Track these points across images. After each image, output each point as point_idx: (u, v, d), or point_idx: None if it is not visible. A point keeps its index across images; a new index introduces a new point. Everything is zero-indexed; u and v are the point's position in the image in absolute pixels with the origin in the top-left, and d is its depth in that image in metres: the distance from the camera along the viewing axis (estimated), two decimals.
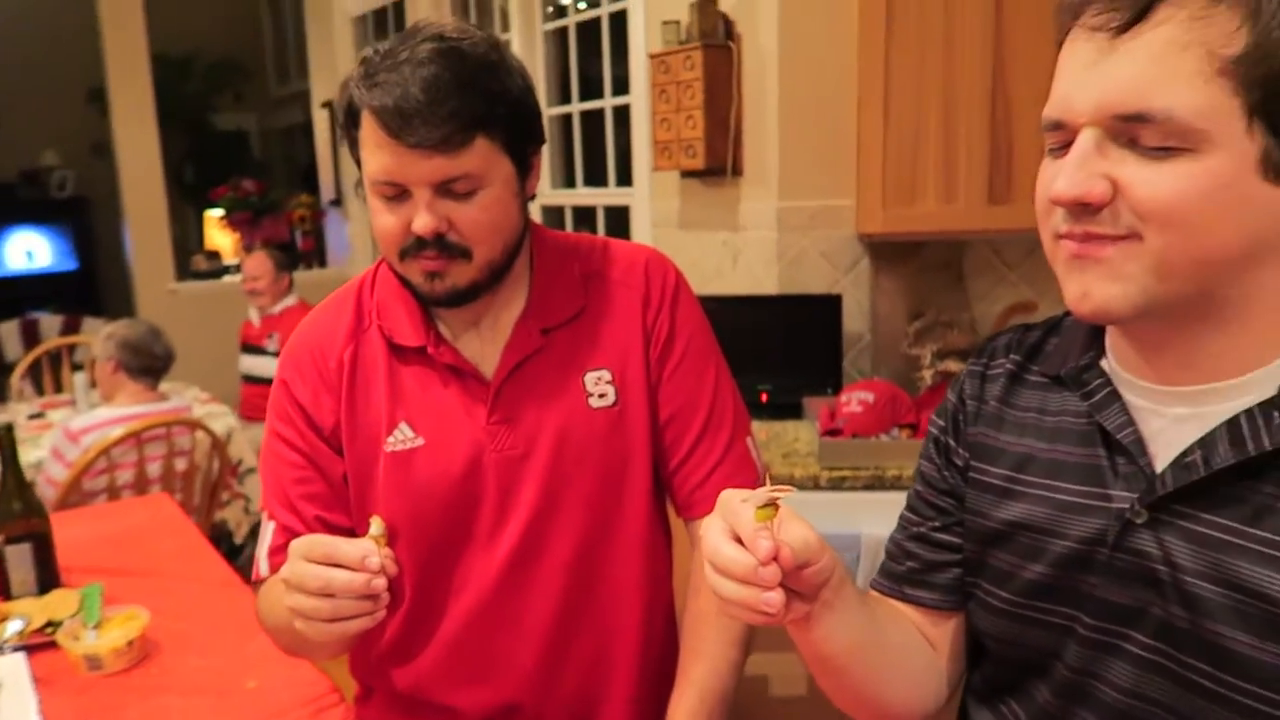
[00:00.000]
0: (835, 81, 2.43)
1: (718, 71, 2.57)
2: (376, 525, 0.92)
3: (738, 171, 2.64)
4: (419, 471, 1.09)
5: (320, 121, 5.12)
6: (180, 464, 2.81)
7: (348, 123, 1.01)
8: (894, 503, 0.98)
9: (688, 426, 1.13)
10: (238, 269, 5.20)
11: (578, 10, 3.47)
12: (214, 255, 5.21)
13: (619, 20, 3.17)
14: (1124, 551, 0.73)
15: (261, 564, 1.12)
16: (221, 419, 3.26)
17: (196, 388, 3.74)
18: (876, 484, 1.96)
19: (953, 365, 2.27)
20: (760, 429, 1.30)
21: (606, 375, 1.11)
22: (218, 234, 5.20)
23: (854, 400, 2.12)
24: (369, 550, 0.87)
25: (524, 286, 1.11)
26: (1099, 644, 0.75)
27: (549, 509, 1.09)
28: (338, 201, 5.12)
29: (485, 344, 1.10)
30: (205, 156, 8.56)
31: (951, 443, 0.89)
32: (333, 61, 5.00)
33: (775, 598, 0.67)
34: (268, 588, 1.09)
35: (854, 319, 2.52)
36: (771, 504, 0.68)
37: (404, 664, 1.16)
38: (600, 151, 3.43)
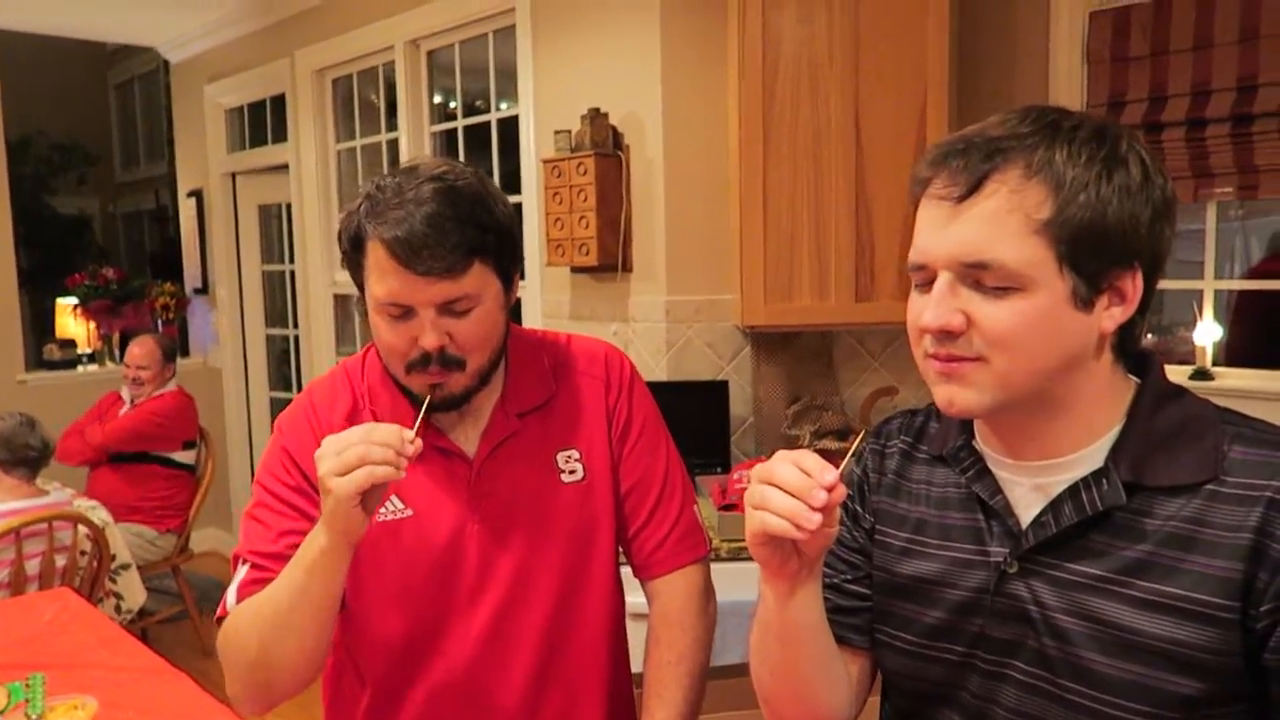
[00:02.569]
0: (714, 189, 2.71)
1: (608, 177, 2.81)
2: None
3: (627, 268, 2.86)
4: (407, 540, 1.20)
5: (186, 209, 5.06)
6: (60, 560, 2.71)
7: (353, 249, 1.14)
8: None
9: (645, 497, 1.29)
10: (92, 358, 5.00)
11: (469, 113, 3.66)
12: (69, 344, 4.98)
13: (506, 124, 3.38)
14: (1002, 596, 0.91)
15: (230, 598, 1.17)
16: (94, 513, 3.14)
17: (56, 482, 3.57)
18: None
19: (829, 444, 2.52)
20: None
21: (575, 454, 1.26)
22: (70, 322, 4.98)
23: (745, 477, 2.33)
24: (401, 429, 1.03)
25: (501, 377, 1.26)
26: (994, 674, 0.93)
27: (525, 574, 1.22)
28: (203, 289, 5.03)
29: (467, 428, 1.24)
30: (40, 241, 8.17)
31: (859, 509, 1.07)
32: (202, 151, 4.98)
33: (817, 517, 0.80)
34: (235, 614, 1.15)
35: (738, 403, 2.76)
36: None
37: None
38: None
